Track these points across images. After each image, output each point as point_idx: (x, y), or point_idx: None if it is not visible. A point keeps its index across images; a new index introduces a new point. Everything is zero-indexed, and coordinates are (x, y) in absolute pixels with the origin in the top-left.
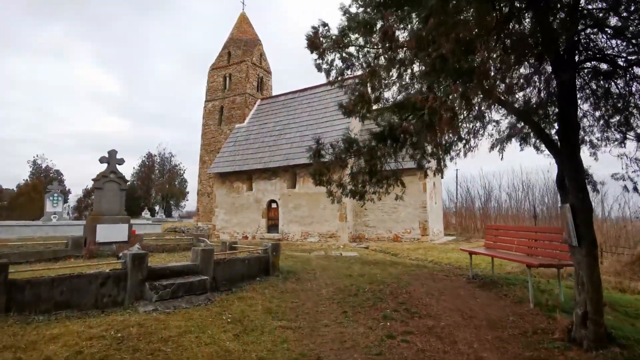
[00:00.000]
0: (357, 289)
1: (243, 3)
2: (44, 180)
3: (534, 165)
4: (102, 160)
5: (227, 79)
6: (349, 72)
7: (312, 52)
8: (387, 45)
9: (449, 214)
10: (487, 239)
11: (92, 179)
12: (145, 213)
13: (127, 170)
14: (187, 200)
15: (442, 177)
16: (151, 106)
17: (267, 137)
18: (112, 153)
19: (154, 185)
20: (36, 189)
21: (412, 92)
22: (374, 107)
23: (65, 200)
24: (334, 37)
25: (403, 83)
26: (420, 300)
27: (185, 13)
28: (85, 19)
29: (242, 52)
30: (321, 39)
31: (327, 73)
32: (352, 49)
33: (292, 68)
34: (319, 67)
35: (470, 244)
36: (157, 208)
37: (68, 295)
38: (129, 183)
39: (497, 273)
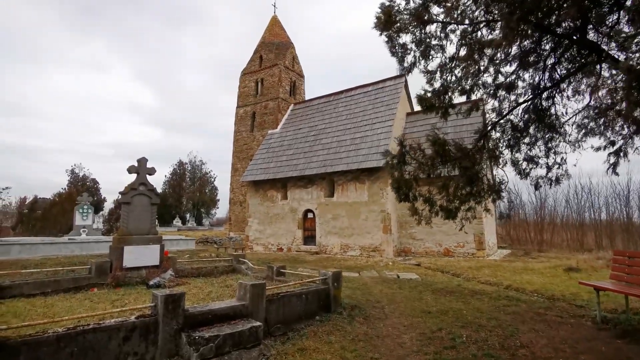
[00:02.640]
0: (449, 335)
1: (274, 6)
2: (80, 189)
3: (597, 167)
4: (130, 170)
5: (259, 83)
6: (431, 55)
7: (381, 33)
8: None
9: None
10: (616, 269)
11: (120, 192)
12: (177, 221)
13: (159, 178)
14: (218, 208)
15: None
16: (183, 115)
17: (302, 143)
18: (142, 162)
19: (185, 193)
20: (71, 197)
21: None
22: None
23: (100, 209)
24: (412, 11)
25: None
26: None
27: (218, 24)
28: (124, 34)
29: (274, 55)
30: (394, 15)
31: (401, 59)
32: (433, 27)
33: (319, 74)
34: (393, 51)
35: (541, 263)
36: (188, 216)
37: (80, 358)
38: (160, 192)
39: (610, 309)
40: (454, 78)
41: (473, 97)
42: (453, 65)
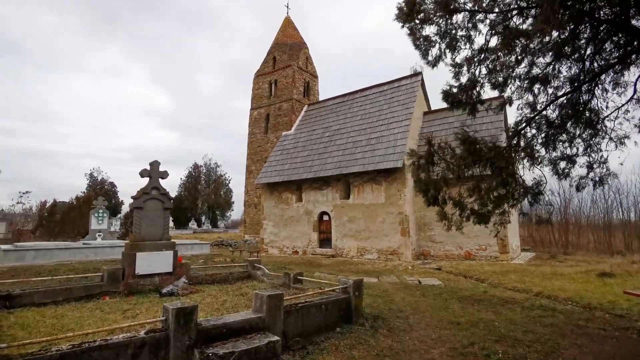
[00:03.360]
0: (483, 351)
1: (287, 6)
2: (99, 192)
3: (625, 165)
4: (142, 174)
5: (273, 85)
6: (457, 47)
7: (403, 25)
8: None
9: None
10: None
11: (132, 197)
12: (192, 224)
13: (175, 181)
14: (233, 210)
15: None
16: (198, 117)
17: (317, 145)
18: (155, 165)
19: (200, 196)
20: (89, 201)
21: None
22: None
23: (118, 212)
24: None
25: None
26: None
27: (230, 28)
28: (139, 40)
29: (287, 56)
30: (418, 5)
31: (425, 52)
32: (459, 17)
33: (331, 74)
34: (416, 44)
35: (571, 267)
36: (203, 218)
37: None
38: (176, 194)
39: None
40: (483, 71)
41: (507, 91)
42: (482, 57)
